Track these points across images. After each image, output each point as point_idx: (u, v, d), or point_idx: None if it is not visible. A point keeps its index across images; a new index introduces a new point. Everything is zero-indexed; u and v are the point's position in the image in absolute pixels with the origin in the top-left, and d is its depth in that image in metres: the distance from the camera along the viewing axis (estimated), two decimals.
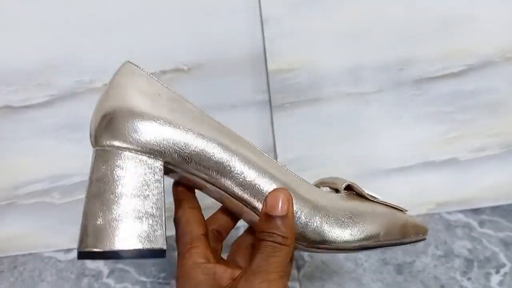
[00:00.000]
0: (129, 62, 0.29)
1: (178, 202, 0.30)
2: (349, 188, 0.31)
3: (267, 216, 0.25)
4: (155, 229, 0.25)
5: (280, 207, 0.24)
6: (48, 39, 0.39)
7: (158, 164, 0.26)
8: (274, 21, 0.37)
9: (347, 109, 0.43)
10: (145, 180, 0.26)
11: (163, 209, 0.26)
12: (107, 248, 0.24)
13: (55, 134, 0.43)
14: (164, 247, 0.26)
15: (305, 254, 0.45)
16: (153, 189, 0.26)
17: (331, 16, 0.38)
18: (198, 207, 0.30)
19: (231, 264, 0.29)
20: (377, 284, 0.42)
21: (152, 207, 0.25)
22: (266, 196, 0.25)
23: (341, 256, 0.45)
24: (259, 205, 0.27)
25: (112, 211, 0.25)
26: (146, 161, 0.26)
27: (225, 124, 0.28)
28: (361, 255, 0.44)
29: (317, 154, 0.45)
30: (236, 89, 0.42)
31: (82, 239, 0.25)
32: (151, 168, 0.26)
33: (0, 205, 0.47)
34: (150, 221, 0.25)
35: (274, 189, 0.26)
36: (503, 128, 0.46)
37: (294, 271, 0.44)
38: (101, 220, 0.25)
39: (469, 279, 0.41)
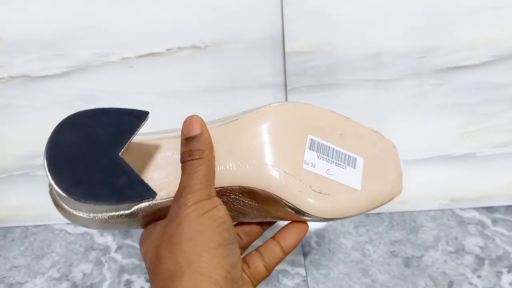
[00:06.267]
0: None
1: None
2: None
3: (184, 140, 0.25)
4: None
5: (193, 128, 0.25)
6: (69, 10, 0.39)
7: None
8: (294, 0, 0.36)
9: (365, 96, 0.42)
10: None
11: None
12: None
13: (71, 105, 0.43)
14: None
15: (312, 241, 0.45)
16: None
17: None
18: None
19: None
20: (384, 275, 0.41)
21: None
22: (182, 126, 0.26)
23: (348, 245, 0.44)
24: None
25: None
26: None
27: None
28: (369, 246, 0.44)
29: None
30: (252, 69, 0.41)
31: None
32: None
33: (14, 175, 0.47)
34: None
35: (186, 117, 0.26)
36: None
37: (300, 258, 0.43)
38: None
39: (479, 276, 0.40)
